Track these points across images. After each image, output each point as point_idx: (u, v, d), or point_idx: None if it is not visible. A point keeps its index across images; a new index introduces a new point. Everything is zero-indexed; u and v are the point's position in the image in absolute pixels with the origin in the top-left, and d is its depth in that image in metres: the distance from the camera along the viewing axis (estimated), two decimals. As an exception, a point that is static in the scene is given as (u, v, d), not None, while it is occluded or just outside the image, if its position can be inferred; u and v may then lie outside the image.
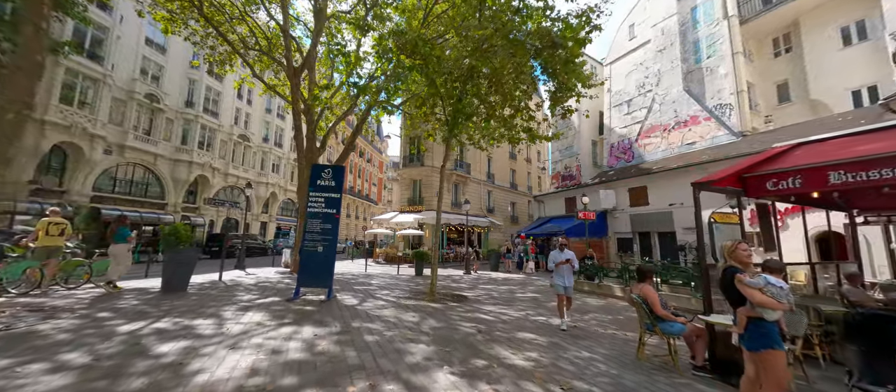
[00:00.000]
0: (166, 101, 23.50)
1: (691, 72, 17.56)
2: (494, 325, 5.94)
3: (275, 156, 34.20)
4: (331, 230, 7.90)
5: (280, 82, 15.86)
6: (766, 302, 2.52)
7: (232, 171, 28.59)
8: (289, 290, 8.59)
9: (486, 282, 13.21)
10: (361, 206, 54.52)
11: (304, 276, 7.61)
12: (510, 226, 32.32)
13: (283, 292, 8.22)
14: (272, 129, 34.08)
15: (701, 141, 16.30)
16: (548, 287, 11.64)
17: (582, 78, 8.58)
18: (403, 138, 26.79)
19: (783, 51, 16.90)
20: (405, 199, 26.50)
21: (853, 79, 13.99)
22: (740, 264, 2.77)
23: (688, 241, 14.26)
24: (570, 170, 24.32)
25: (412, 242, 24.35)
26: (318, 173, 8.19)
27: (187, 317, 5.34)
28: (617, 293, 9.39)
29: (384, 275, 14.32)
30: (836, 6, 14.61)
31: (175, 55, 24.22)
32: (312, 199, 8.02)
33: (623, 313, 7.48)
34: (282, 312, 6.01)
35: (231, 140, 28.92)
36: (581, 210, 13.49)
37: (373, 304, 7.42)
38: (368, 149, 57.65)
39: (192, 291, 7.66)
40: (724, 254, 2.87)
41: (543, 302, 8.73)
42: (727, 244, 2.88)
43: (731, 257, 2.81)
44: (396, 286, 10.63)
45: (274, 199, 34.44)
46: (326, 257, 7.72)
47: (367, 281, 11.80)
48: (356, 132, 13.40)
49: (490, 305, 7.91)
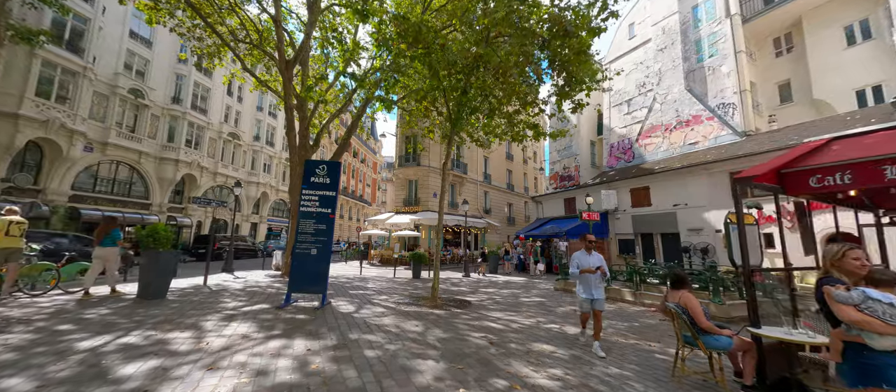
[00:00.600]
0: (152, 97, 22.56)
1: (693, 71, 17.33)
2: (506, 335, 5.43)
3: (266, 155, 33.29)
4: (325, 231, 7.32)
5: (272, 78, 15.21)
6: (866, 322, 2.00)
7: (221, 171, 27.67)
8: (279, 295, 7.97)
9: (487, 285, 12.70)
10: (355, 207, 53.70)
11: (295, 282, 7.01)
12: (507, 227, 31.91)
13: (272, 298, 7.60)
14: (263, 127, 33.18)
15: (704, 141, 16.04)
16: (552, 291, 11.19)
17: (593, 71, 8.16)
18: (399, 137, 26.21)
19: (784, 51, 16.77)
20: (401, 200, 25.91)
21: (858, 78, 13.85)
22: (848, 275, 2.23)
23: (692, 243, 13.95)
24: (569, 170, 23.99)
25: (408, 244, 23.76)
26: (311, 170, 7.60)
27: (162, 329, 4.72)
28: (627, 297, 8.96)
29: (380, 278, 13.72)
30: (839, 5, 14.48)
31: (162, 50, 23.31)
32: (305, 198, 7.43)
33: (638, 320, 7.03)
34: (271, 322, 5.42)
35: (220, 138, 28.00)
36: (585, 210, 13.10)
37: (371, 311, 6.85)
38: (362, 149, 56.88)
39: (172, 298, 7.00)
40: (827, 261, 2.37)
41: (551, 307, 8.25)
42: (832, 248, 2.37)
43: (835, 266, 2.28)
44: (394, 290, 10.06)
45: (265, 200, 33.52)
46: (320, 261, 7.14)
47: (363, 285, 11.20)
48: (353, 127, 12.81)
49: (496, 311, 7.40)
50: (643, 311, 7.96)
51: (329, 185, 7.56)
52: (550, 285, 12.83)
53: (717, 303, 7.04)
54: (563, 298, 9.64)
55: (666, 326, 6.46)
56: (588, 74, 8.14)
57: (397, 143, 26.78)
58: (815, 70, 15.07)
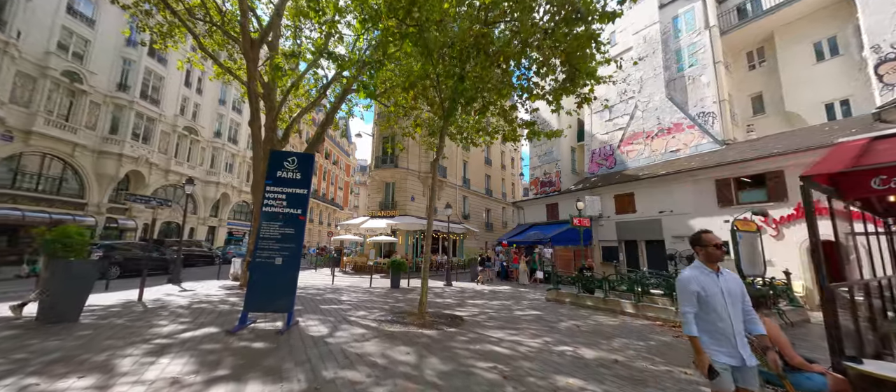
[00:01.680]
0: (92, 82, 19.85)
1: (674, 80, 17.54)
2: (518, 363, 4.48)
3: (228, 153, 30.65)
4: (293, 236, 6.07)
5: (236, 66, 13.57)
6: None
7: (175, 168, 24.96)
8: (233, 314, 6.57)
9: (472, 295, 11.77)
10: (326, 211, 51.21)
11: (254, 298, 5.69)
12: (485, 233, 31.28)
13: (224, 318, 6.21)
14: (226, 123, 30.57)
15: (685, 149, 16.16)
16: (544, 302, 10.44)
17: (592, 70, 7.49)
18: (377, 137, 24.90)
19: (757, 64, 17.36)
20: (376, 204, 24.51)
21: (826, 92, 14.42)
22: None
23: (677, 251, 13.78)
24: (550, 176, 23.75)
25: (384, 250, 22.41)
26: (278, 162, 6.34)
27: (55, 371, 3.35)
28: (628, 310, 8.33)
29: (355, 288, 12.40)
30: (809, 22, 15.11)
31: (107, 30, 20.68)
32: (270, 196, 6.15)
33: (650, 337, 6.34)
34: (217, 355, 4.14)
35: (175, 132, 25.32)
36: (576, 216, 12.57)
37: (348, 333, 5.67)
38: (335, 150, 54.61)
39: (86, 321, 5.46)
40: None
41: (551, 322, 7.42)
42: None
43: None
44: (373, 304, 8.86)
45: (225, 201, 30.78)
46: (287, 272, 5.87)
47: (336, 297, 9.89)
48: (328, 118, 11.57)
49: (494, 329, 6.45)
50: (649, 325, 7.33)
51: (300, 182, 6.33)
52: (538, 294, 12.11)
53: (732, 317, 6.49)
54: (559, 311, 8.88)
55: (685, 346, 5.79)
56: (593, 69, 7.49)
57: (374, 144, 25.43)
58: (787, 83, 15.62)
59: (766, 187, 11.73)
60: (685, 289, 2.37)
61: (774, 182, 11.50)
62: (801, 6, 14.88)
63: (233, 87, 29.76)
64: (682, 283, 2.41)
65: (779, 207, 11.25)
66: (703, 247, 2.50)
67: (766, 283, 7.55)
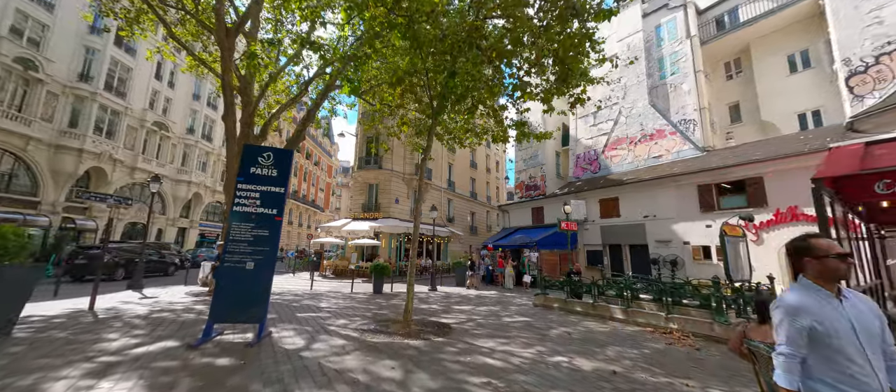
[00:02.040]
0: (50, 71, 18.37)
1: (656, 87, 17.89)
2: (512, 378, 4.15)
3: (202, 151, 29.16)
4: (268, 239, 5.55)
5: (211, 58, 12.77)
6: None
7: (142, 165, 23.45)
8: (198, 325, 5.96)
9: (458, 300, 11.41)
10: (307, 213, 49.73)
11: (221, 307, 5.14)
12: (470, 236, 31.03)
13: (186, 330, 5.60)
14: (200, 119, 29.09)
15: (667, 155, 16.44)
16: (531, 307, 10.18)
17: (584, 70, 7.36)
18: (360, 137, 24.26)
19: (734, 74, 17.95)
20: (359, 206, 23.84)
21: (799, 103, 15.00)
22: None
23: (661, 255, 13.93)
24: (535, 180, 23.78)
25: (367, 254, 21.77)
26: (252, 157, 5.81)
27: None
28: (618, 315, 8.18)
29: (335, 293, 11.81)
30: (783, 36, 15.72)
31: (67, 15, 19.24)
32: (242, 194, 5.62)
33: (644, 345, 6.16)
34: (172, 375, 3.60)
35: (143, 127, 23.82)
36: (563, 219, 12.47)
37: (327, 345, 5.19)
38: (317, 151, 53.22)
39: (21, 335, 4.75)
40: None
41: (541, 329, 7.16)
42: None
43: None
44: (354, 311, 8.36)
45: (198, 202, 29.24)
46: (259, 278, 5.35)
47: (315, 303, 9.31)
48: (310, 115, 11.00)
49: (484, 339, 6.11)
50: (640, 332, 7.17)
51: (276, 179, 5.82)
52: (525, 299, 11.88)
53: (723, 323, 6.42)
54: (548, 317, 8.64)
55: (679, 354, 5.63)
56: (585, 70, 7.34)
57: (357, 144, 24.77)
58: (763, 94, 16.19)
59: (746, 193, 11.98)
60: (791, 323, 1.59)
61: (754, 188, 11.76)
62: (776, 19, 15.47)
63: (208, 82, 28.43)
64: (785, 311, 1.63)
65: (758, 213, 11.48)
66: (816, 257, 1.68)
67: (754, 288, 7.57)
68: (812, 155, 10.47)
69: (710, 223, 12.65)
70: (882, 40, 11.23)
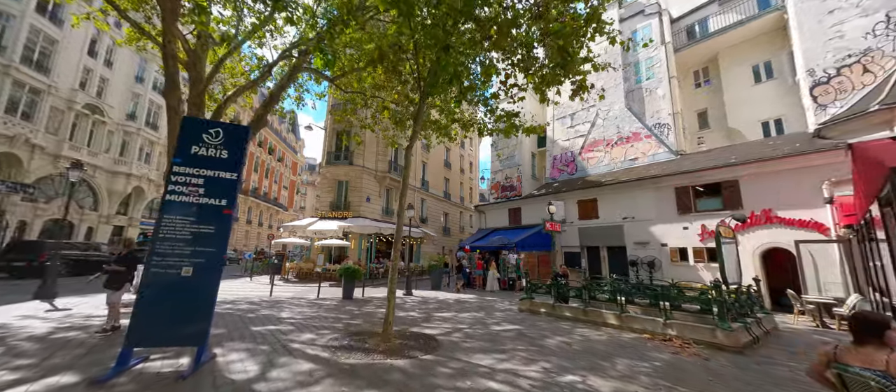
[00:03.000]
0: (-55, 35, 15.26)
1: (632, 91, 18.13)
2: (529, 409, 3.35)
3: (145, 140, 26.01)
4: (213, 237, 4.38)
5: (156, 31, 10.93)
6: None
7: (69, 153, 20.28)
8: (116, 348, 4.61)
9: (437, 305, 10.53)
10: (268, 212, 46.47)
11: (144, 326, 3.91)
12: (443, 237, 30.25)
13: (96, 355, 4.28)
14: (143, 104, 25.93)
15: (642, 157, 16.63)
16: (516, 313, 9.52)
17: (587, 58, 6.85)
18: (329, 130, 22.66)
19: (702, 83, 18.62)
20: (327, 204, 22.22)
21: (763, 111, 15.72)
22: None
23: (639, 256, 13.91)
24: (511, 180, 23.46)
25: (334, 255, 20.27)
26: (194, 133, 4.61)
27: None
28: (611, 321, 7.70)
29: (299, 300, 10.50)
30: (749, 47, 16.46)
31: (-28, -30, 16.13)
32: (180, 178, 4.42)
33: (652, 356, 5.64)
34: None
35: (71, 110, 20.67)
36: (548, 219, 12.01)
37: (288, 371, 4.12)
38: (281, 146, 50.01)
39: None
40: None
41: (535, 339, 6.47)
42: None
43: None
44: (323, 321, 7.23)
45: (139, 197, 26.04)
46: (200, 288, 4.18)
47: (275, 313, 8.04)
48: (277, 91, 9.68)
49: (478, 354, 5.30)
50: (639, 339, 6.70)
51: (227, 162, 4.65)
52: (507, 303, 11.23)
53: (726, 329, 6.07)
54: (538, 324, 7.99)
55: (691, 366, 5.14)
56: (587, 56, 6.81)
57: (326, 138, 23.13)
58: (729, 102, 16.87)
59: (721, 196, 12.17)
60: None
61: (729, 191, 11.97)
62: (743, 31, 16.16)
63: (155, 63, 25.41)
64: None
65: (733, 215, 11.64)
66: None
67: (745, 290, 7.41)
68: (787, 159, 10.76)
69: (687, 225, 12.77)
70: (843, 53, 11.85)
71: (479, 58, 6.96)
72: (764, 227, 11.04)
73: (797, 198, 10.50)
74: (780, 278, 11.21)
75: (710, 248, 12.13)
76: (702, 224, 12.34)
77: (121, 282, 5.92)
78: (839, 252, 9.33)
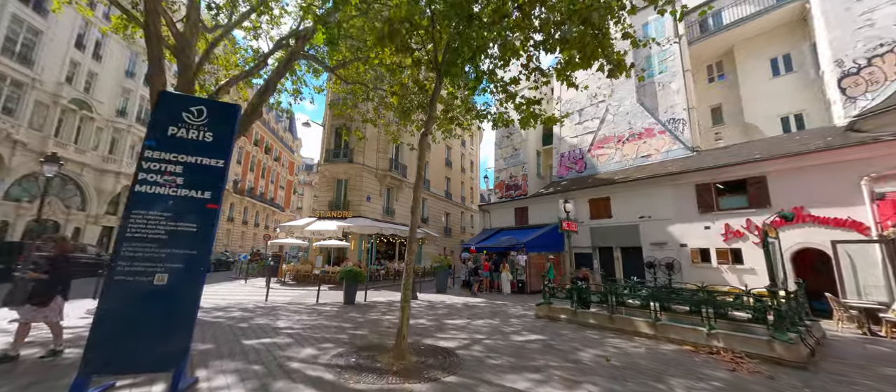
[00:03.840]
0: (-82, 23, 14.33)
1: (644, 85, 17.46)
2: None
3: (136, 137, 25.04)
4: (195, 237, 3.59)
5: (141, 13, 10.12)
6: None
7: (54, 150, 19.30)
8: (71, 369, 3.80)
9: (446, 311, 9.75)
10: (264, 212, 45.46)
11: (106, 347, 3.11)
12: (444, 238, 29.47)
13: (49, 384, 3.46)
14: (134, 99, 24.98)
15: (656, 154, 15.95)
16: (534, 320, 8.76)
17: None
18: (328, 126, 21.84)
19: (716, 77, 17.98)
20: (325, 203, 21.41)
21: (782, 106, 15.08)
22: None
23: (656, 258, 13.21)
24: (516, 179, 22.74)
25: (333, 257, 19.47)
26: (173, 112, 3.82)
27: None
28: (643, 330, 6.95)
29: (297, 305, 9.69)
30: (766, 39, 15.83)
31: (-52, -45, 15.21)
32: (153, 165, 3.62)
33: (708, 373, 4.90)
34: None
35: (56, 105, 19.72)
36: (564, 218, 11.29)
37: (288, 402, 3.33)
38: (277, 145, 49.05)
39: None
40: None
41: (566, 352, 5.72)
42: None
43: None
44: (324, 331, 6.43)
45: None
46: (177, 299, 3.39)
47: (271, 322, 7.23)
48: (274, 80, 8.92)
49: (509, 373, 4.54)
50: (681, 352, 5.95)
51: (211, 147, 3.86)
52: (520, 308, 10.46)
53: (786, 341, 5.33)
54: (562, 333, 7.24)
55: (758, 387, 4.40)
56: (604, 46, 6.06)
57: (325, 135, 22.31)
58: (746, 96, 16.22)
59: (747, 193, 11.48)
60: None
61: (756, 188, 11.28)
62: (761, 22, 15.52)
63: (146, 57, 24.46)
64: None
65: (760, 214, 10.96)
66: None
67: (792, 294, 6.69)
68: (820, 153, 10.08)
69: (709, 224, 12.07)
70: (874, 42, 11.21)
71: (500, 40, 6.22)
72: (796, 227, 10.34)
73: (832, 195, 9.82)
74: (812, 280, 10.52)
75: (734, 248, 11.45)
76: (725, 223, 11.65)
77: (47, 294, 4.36)
78: (882, 253, 8.64)
